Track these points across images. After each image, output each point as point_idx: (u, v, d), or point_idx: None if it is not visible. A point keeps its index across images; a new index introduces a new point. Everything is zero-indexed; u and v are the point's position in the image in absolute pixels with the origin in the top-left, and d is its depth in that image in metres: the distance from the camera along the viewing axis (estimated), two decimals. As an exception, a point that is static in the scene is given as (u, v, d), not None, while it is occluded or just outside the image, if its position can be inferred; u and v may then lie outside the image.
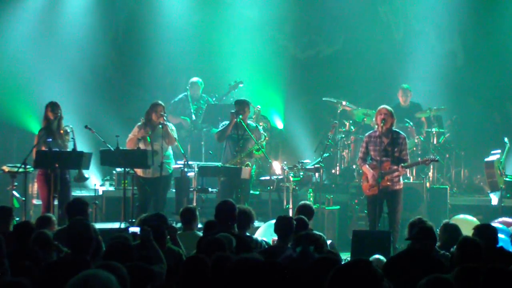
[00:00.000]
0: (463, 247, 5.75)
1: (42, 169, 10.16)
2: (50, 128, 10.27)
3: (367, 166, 10.26)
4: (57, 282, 4.55)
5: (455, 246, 6.05)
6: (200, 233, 7.55)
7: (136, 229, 6.59)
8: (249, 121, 11.46)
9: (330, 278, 3.46)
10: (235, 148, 11.07)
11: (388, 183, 10.06)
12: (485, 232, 6.77)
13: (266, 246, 7.36)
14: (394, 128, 10.34)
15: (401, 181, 10.29)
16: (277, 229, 7.08)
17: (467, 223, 10.21)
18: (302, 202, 8.71)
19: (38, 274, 5.09)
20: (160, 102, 11.03)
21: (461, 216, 11.04)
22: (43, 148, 10.05)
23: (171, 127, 10.89)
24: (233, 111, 11.12)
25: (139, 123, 10.91)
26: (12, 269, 5.29)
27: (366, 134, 10.54)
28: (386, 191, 10.06)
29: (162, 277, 5.65)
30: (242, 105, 11.20)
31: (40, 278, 4.97)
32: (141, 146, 10.66)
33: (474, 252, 5.67)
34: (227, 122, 11.26)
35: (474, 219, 11.00)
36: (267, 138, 11.57)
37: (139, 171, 10.65)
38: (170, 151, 10.99)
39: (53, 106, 10.32)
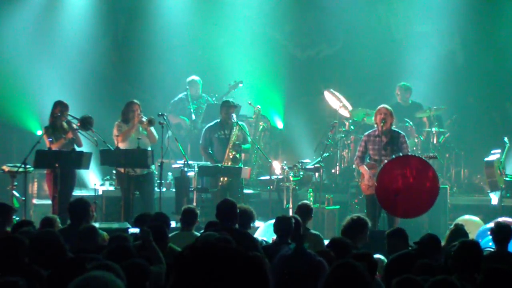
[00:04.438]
0: (462, 251, 5.71)
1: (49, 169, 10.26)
2: (55, 126, 10.36)
3: (364, 166, 10.27)
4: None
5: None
6: (198, 234, 7.55)
7: (135, 230, 6.60)
8: (236, 120, 11.57)
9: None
10: (225, 147, 11.24)
11: (387, 181, 10.07)
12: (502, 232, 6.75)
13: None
14: (393, 128, 10.36)
15: (400, 180, 10.31)
16: (277, 229, 7.10)
17: (472, 224, 10.20)
18: (301, 202, 8.74)
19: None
20: (135, 100, 11.02)
21: (466, 217, 11.01)
22: (53, 147, 10.13)
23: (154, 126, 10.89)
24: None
25: (119, 121, 10.90)
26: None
27: (365, 133, 10.55)
28: (384, 189, 10.07)
29: (161, 277, 5.66)
30: (224, 107, 11.45)
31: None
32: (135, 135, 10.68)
33: (474, 255, 5.64)
34: (217, 120, 11.37)
35: (478, 219, 10.98)
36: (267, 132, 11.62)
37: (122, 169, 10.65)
38: (149, 148, 10.96)
39: (63, 107, 10.43)
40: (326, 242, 8.12)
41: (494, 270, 4.55)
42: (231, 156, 11.25)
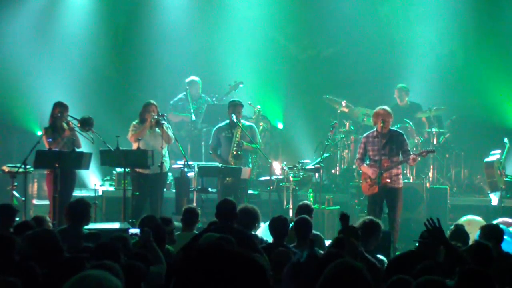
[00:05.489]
0: (477, 252, 5.71)
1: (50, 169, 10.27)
2: (56, 126, 10.37)
3: (365, 165, 10.29)
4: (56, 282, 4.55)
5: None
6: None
7: (136, 230, 6.59)
8: (244, 121, 11.58)
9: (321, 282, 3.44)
10: (231, 146, 11.24)
11: (388, 180, 10.07)
12: (492, 232, 6.75)
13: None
14: (392, 128, 10.38)
15: (401, 180, 10.31)
16: (272, 230, 7.08)
17: (475, 224, 10.18)
18: (302, 202, 8.74)
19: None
20: (152, 101, 11.07)
21: (469, 216, 11.00)
22: (53, 148, 10.14)
23: (166, 124, 10.94)
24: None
25: (135, 122, 10.95)
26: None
27: (364, 134, 10.56)
28: (385, 189, 10.07)
29: (161, 277, 5.65)
30: (231, 107, 11.43)
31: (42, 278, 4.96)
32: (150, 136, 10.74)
33: (487, 257, 5.65)
34: (226, 121, 11.38)
35: (481, 219, 10.96)
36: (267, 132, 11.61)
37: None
38: (166, 149, 11.01)
39: (63, 108, 10.44)
40: (327, 242, 8.12)
41: (468, 271, 4.55)
42: (234, 153, 11.27)
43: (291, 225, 7.25)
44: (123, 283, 3.70)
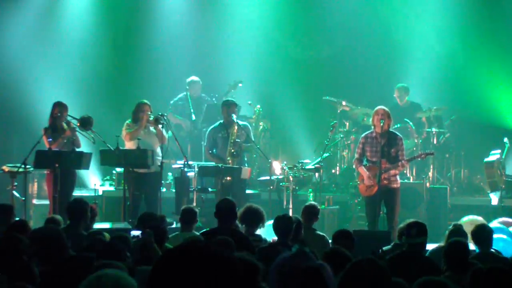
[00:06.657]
0: (449, 250, 5.79)
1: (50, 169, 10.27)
2: (55, 126, 10.37)
3: (363, 167, 10.28)
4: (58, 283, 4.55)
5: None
6: (197, 234, 7.54)
7: (137, 232, 6.59)
8: (237, 120, 11.59)
9: (342, 278, 3.47)
10: (228, 145, 11.28)
11: (385, 181, 10.07)
12: (481, 234, 6.82)
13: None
14: (391, 129, 10.37)
15: (398, 180, 10.31)
16: (276, 229, 7.08)
17: (477, 223, 10.17)
18: (308, 202, 8.79)
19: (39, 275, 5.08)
20: (145, 101, 11.07)
21: (470, 216, 10.99)
22: (53, 147, 10.14)
23: (164, 123, 10.93)
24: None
25: (128, 121, 10.94)
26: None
27: (363, 135, 10.55)
28: (383, 190, 10.07)
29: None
30: (225, 107, 11.46)
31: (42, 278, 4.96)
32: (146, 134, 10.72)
33: (460, 255, 5.73)
34: (220, 121, 11.38)
35: (482, 219, 10.95)
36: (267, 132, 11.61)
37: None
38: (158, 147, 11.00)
39: (63, 108, 10.44)
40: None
41: (479, 270, 4.57)
42: (232, 151, 11.26)
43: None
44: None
